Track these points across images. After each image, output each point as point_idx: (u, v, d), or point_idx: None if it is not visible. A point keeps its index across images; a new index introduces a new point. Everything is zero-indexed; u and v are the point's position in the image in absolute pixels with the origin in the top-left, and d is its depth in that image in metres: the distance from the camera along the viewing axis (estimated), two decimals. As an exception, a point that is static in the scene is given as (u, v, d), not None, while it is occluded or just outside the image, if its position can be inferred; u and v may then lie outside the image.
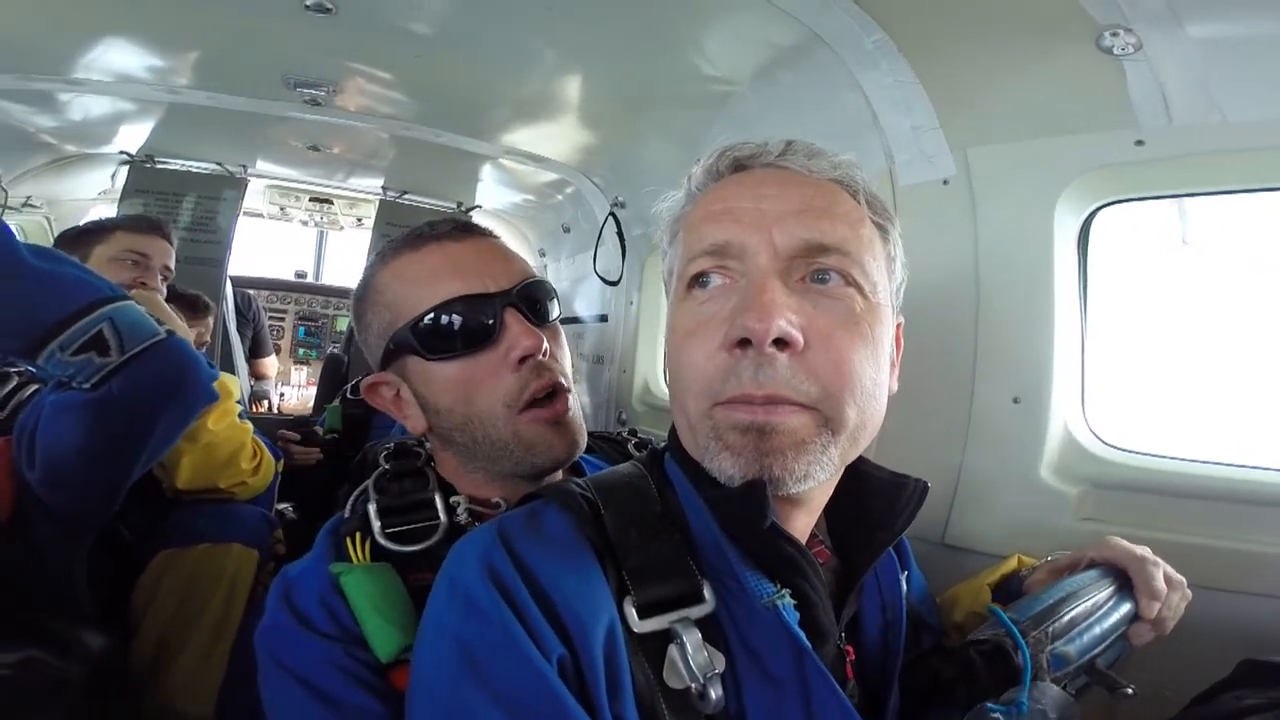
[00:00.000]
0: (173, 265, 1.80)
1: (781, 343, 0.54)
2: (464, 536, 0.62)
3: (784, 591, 0.58)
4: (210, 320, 2.46)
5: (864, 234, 0.61)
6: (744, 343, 0.55)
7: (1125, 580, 0.74)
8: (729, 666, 0.56)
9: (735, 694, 0.56)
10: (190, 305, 2.21)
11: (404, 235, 0.91)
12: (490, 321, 0.83)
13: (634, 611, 0.56)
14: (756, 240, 0.58)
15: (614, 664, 0.53)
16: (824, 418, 0.56)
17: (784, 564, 0.59)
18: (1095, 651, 0.69)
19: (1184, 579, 0.75)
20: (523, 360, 0.83)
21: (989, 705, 0.59)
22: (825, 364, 0.56)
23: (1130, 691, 0.67)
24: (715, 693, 0.54)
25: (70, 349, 0.96)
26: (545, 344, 0.84)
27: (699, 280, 0.61)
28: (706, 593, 0.58)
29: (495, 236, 0.93)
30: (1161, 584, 0.72)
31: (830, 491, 0.66)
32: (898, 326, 0.68)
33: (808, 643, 0.57)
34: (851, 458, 0.62)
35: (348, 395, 1.94)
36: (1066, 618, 0.68)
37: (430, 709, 0.54)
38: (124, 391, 1.00)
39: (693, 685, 0.54)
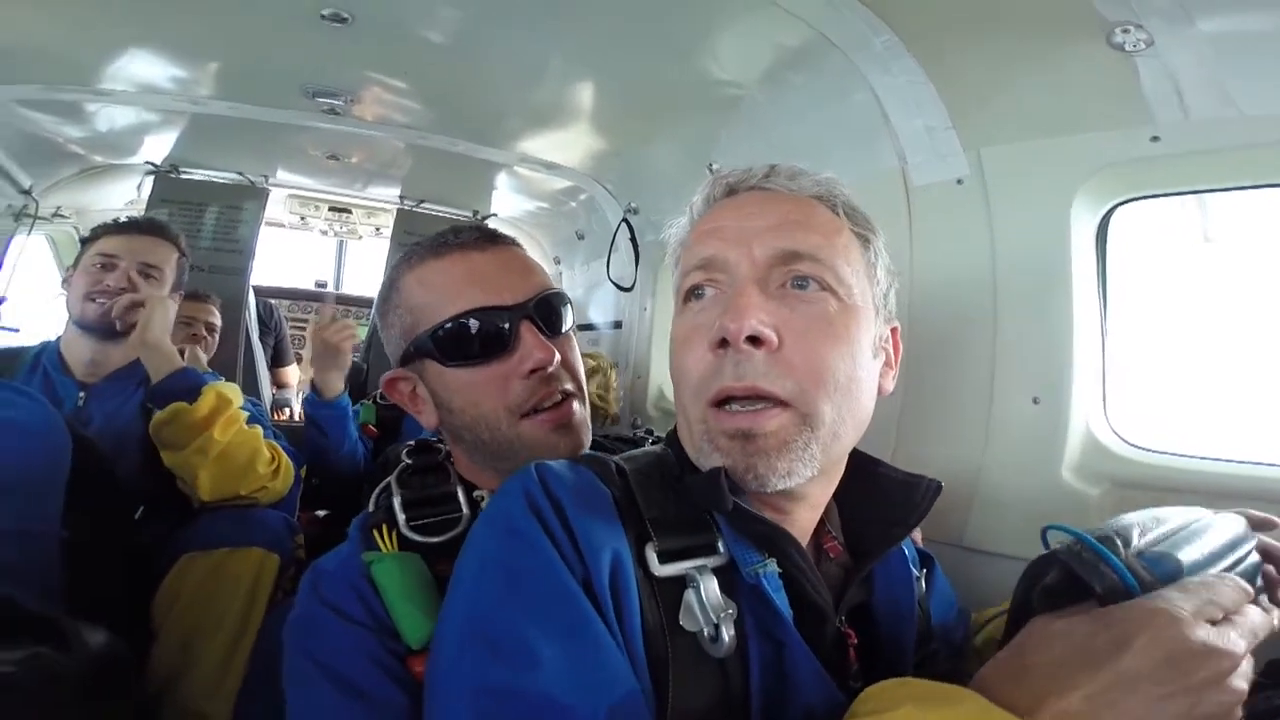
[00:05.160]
0: (157, 262, 1.61)
1: (756, 341, 0.60)
2: (507, 480, 0.65)
3: (769, 561, 0.62)
4: (212, 307, 2.43)
5: (839, 242, 0.66)
6: (724, 343, 0.61)
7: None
8: (739, 617, 0.60)
9: (742, 643, 0.59)
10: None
11: (429, 240, 0.93)
12: (506, 332, 0.86)
13: (655, 556, 0.60)
14: (738, 254, 0.64)
15: (620, 598, 0.57)
16: (801, 414, 0.60)
17: (762, 541, 0.63)
18: (1224, 563, 0.53)
19: None
20: (533, 371, 0.86)
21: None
22: (799, 359, 0.60)
23: None
24: (728, 634, 0.57)
25: None
26: (556, 356, 0.87)
27: (693, 293, 0.67)
28: (721, 546, 0.62)
29: (517, 245, 0.96)
30: None
31: (831, 488, 0.70)
32: (894, 331, 0.72)
33: (787, 610, 0.61)
34: (837, 454, 0.66)
35: (379, 399, 2.05)
36: (1156, 529, 0.54)
37: (468, 627, 0.57)
38: None
39: (706, 628, 0.57)
